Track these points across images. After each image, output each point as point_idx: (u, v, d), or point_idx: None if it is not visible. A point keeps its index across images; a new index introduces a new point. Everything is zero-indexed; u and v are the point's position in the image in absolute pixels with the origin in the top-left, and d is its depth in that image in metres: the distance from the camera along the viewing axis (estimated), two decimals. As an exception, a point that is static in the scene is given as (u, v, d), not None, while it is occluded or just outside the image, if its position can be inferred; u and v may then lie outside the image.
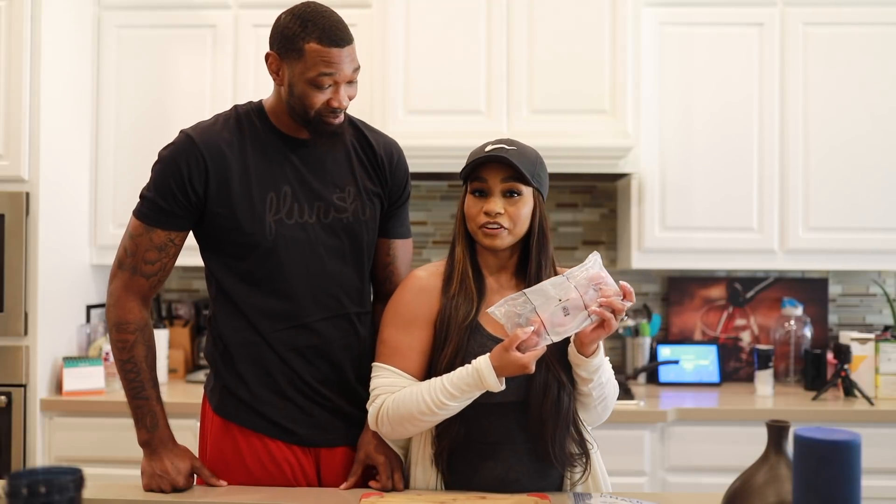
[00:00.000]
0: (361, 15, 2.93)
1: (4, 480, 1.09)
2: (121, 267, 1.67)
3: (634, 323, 3.18)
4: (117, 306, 1.66)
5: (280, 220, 1.64)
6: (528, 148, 1.62)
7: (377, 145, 1.76)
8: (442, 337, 1.59)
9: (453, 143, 2.81)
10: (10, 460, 2.68)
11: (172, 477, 1.61)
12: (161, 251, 1.65)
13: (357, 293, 1.73)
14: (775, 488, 1.22)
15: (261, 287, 1.65)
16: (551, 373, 1.54)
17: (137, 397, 1.64)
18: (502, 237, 1.56)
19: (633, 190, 2.95)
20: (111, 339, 1.67)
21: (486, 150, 1.58)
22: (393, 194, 1.77)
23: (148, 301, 1.69)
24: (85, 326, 3.01)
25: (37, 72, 2.70)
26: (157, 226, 1.63)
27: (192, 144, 1.62)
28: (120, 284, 1.67)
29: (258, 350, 1.65)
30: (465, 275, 1.61)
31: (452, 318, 1.58)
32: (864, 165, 2.92)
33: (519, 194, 1.57)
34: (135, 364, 1.64)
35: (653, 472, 2.70)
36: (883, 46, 2.92)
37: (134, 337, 1.64)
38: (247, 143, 1.65)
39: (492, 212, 1.54)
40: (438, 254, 3.33)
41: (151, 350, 1.67)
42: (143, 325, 1.66)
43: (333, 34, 1.56)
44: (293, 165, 1.66)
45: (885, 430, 2.66)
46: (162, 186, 1.63)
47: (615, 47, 2.84)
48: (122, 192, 3.00)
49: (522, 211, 1.57)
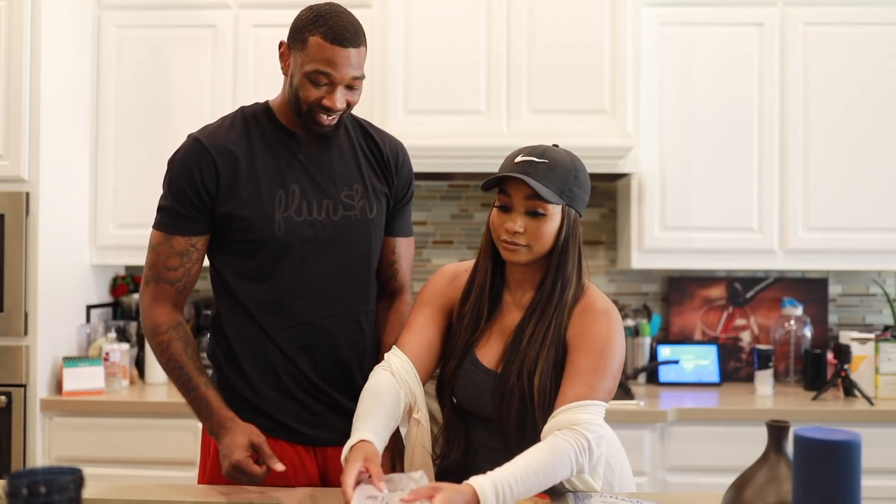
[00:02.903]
0: (361, 15, 2.88)
1: (4, 480, 1.09)
2: (146, 281, 1.67)
3: (634, 323, 3.18)
4: (148, 316, 1.66)
5: (289, 218, 1.64)
6: (564, 158, 1.52)
7: (384, 145, 1.77)
8: (449, 350, 1.60)
9: (453, 143, 2.82)
10: (10, 460, 2.68)
11: (229, 456, 1.54)
12: (183, 256, 1.64)
13: (364, 291, 1.73)
14: (775, 488, 1.22)
15: (268, 284, 1.65)
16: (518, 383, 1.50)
17: (189, 392, 1.62)
18: (521, 254, 1.52)
19: (633, 190, 2.95)
20: (152, 350, 1.66)
21: (515, 160, 1.51)
22: (398, 193, 1.79)
23: (179, 306, 1.68)
24: (85, 326, 3.01)
25: (37, 72, 2.70)
26: (176, 233, 1.63)
27: (200, 147, 1.63)
28: (147, 296, 1.67)
29: (263, 348, 1.66)
30: (482, 289, 1.59)
31: (458, 335, 1.59)
32: (864, 165, 2.92)
33: (543, 213, 1.49)
34: (176, 361, 1.63)
35: (653, 472, 2.70)
36: (883, 46, 2.92)
37: (167, 336, 1.64)
38: (254, 142, 1.66)
39: (511, 230, 1.50)
40: (438, 254, 3.33)
41: (189, 343, 1.65)
42: (174, 324, 1.65)
43: (339, 32, 1.56)
44: (301, 163, 1.67)
45: (885, 430, 2.66)
46: (177, 192, 1.63)
47: (615, 47, 2.85)
48: (122, 192, 3.00)
49: (545, 229, 1.50)
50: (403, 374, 1.54)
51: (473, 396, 1.56)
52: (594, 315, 1.53)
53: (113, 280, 3.27)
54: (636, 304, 3.29)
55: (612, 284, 3.29)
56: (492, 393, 1.53)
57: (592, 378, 1.46)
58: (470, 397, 1.57)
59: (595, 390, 1.45)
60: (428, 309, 1.63)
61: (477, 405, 1.57)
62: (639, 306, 3.29)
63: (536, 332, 1.52)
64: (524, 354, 1.51)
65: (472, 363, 1.57)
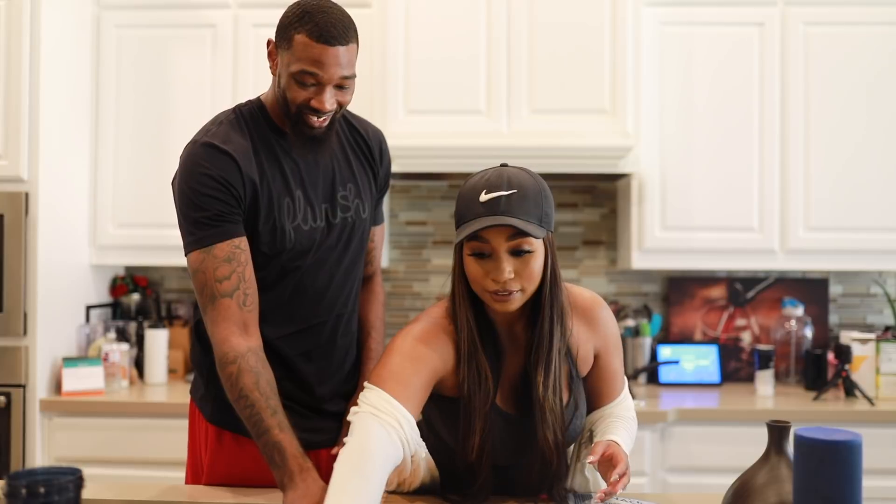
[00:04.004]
0: (361, 15, 2.93)
1: (4, 481, 1.09)
2: (203, 310, 1.51)
3: (635, 323, 3.18)
4: (215, 345, 1.48)
5: (297, 227, 1.58)
6: (528, 181, 1.36)
7: (367, 135, 1.73)
8: (467, 424, 1.41)
9: (453, 143, 2.82)
10: (10, 461, 2.67)
11: None
12: (231, 262, 1.48)
13: (356, 290, 1.74)
14: (776, 488, 1.22)
15: (272, 294, 1.60)
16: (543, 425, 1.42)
17: (260, 434, 1.42)
18: (515, 301, 1.37)
19: (633, 190, 2.95)
20: (223, 383, 1.49)
21: (480, 200, 1.32)
22: (381, 183, 1.77)
23: (248, 327, 1.49)
24: (84, 327, 3.01)
25: (36, 71, 2.70)
26: (214, 241, 1.48)
27: (216, 152, 1.51)
28: (209, 323, 1.49)
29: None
30: (474, 348, 1.41)
31: (473, 407, 1.41)
32: (864, 165, 2.92)
33: (530, 251, 1.34)
34: (246, 397, 1.43)
35: (653, 472, 2.70)
36: (883, 46, 2.92)
37: (236, 367, 1.45)
38: (259, 149, 1.57)
39: (500, 279, 1.33)
40: (438, 254, 3.32)
41: (262, 374, 1.46)
42: (243, 351, 1.46)
43: (326, 30, 1.46)
44: (299, 166, 1.61)
45: (885, 431, 2.66)
46: (199, 200, 1.48)
47: (615, 47, 2.84)
48: (121, 192, 3.00)
49: (535, 266, 1.36)
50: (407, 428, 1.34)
51: (512, 447, 1.47)
52: (596, 317, 1.53)
53: (112, 280, 3.26)
54: (636, 305, 3.29)
55: (612, 284, 3.29)
56: (519, 437, 1.47)
57: (622, 369, 1.61)
58: (510, 450, 1.47)
59: (624, 378, 1.62)
60: (415, 367, 1.38)
61: (517, 455, 1.49)
62: (639, 306, 3.29)
63: (546, 381, 1.43)
64: (538, 405, 1.43)
65: (502, 416, 1.46)
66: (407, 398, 1.34)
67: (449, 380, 1.44)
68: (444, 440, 1.49)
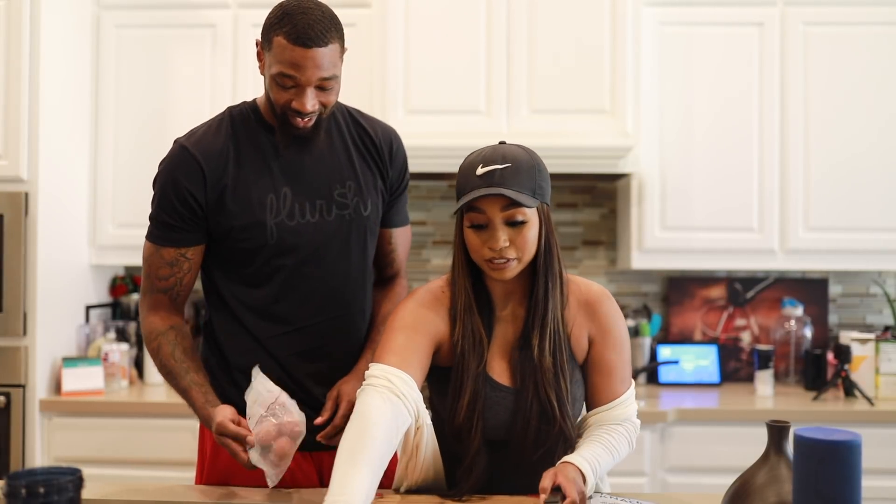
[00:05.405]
0: (361, 15, 2.93)
1: (3, 481, 1.09)
2: (142, 293, 1.67)
3: (634, 323, 3.18)
4: (144, 326, 1.66)
5: (281, 223, 1.59)
6: (522, 155, 1.44)
7: (375, 134, 1.71)
8: (457, 386, 1.48)
9: (453, 143, 2.81)
10: (9, 461, 2.67)
11: (214, 432, 1.50)
12: (173, 266, 1.62)
13: (361, 290, 1.71)
14: (775, 489, 1.22)
15: (261, 291, 1.62)
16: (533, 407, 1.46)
17: (180, 392, 1.60)
18: (511, 268, 1.44)
19: (633, 190, 2.95)
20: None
21: (476, 173, 1.42)
22: (393, 184, 1.74)
23: (175, 310, 1.66)
24: (84, 327, 3.01)
25: (36, 71, 2.70)
26: (166, 244, 1.61)
27: (186, 154, 1.59)
28: (144, 308, 1.67)
29: (256, 356, 1.62)
30: (469, 313, 1.49)
31: (465, 368, 1.47)
32: (864, 165, 2.92)
33: (524, 221, 1.43)
34: (164, 366, 1.61)
35: (653, 472, 2.70)
36: (883, 46, 2.92)
37: (157, 342, 1.62)
38: (242, 146, 1.61)
39: (496, 247, 1.42)
40: (438, 254, 3.32)
41: (178, 344, 1.62)
42: (164, 329, 1.63)
43: (303, 32, 1.46)
44: (291, 164, 1.62)
45: (885, 431, 2.66)
46: (164, 202, 1.60)
47: (615, 47, 2.84)
48: (121, 192, 3.00)
49: (530, 235, 1.44)
50: (403, 388, 1.41)
51: (505, 420, 1.50)
52: (598, 305, 1.54)
53: (112, 280, 3.26)
54: (636, 305, 3.29)
55: (612, 284, 3.28)
56: (513, 411, 1.49)
57: (622, 370, 1.56)
58: (501, 423, 1.50)
59: (626, 381, 1.57)
60: (414, 334, 1.47)
61: (509, 429, 1.50)
62: (639, 306, 3.29)
63: (542, 344, 1.47)
64: (536, 370, 1.47)
65: (494, 388, 1.50)
66: (399, 362, 1.43)
67: (445, 345, 1.52)
68: (442, 416, 1.52)
